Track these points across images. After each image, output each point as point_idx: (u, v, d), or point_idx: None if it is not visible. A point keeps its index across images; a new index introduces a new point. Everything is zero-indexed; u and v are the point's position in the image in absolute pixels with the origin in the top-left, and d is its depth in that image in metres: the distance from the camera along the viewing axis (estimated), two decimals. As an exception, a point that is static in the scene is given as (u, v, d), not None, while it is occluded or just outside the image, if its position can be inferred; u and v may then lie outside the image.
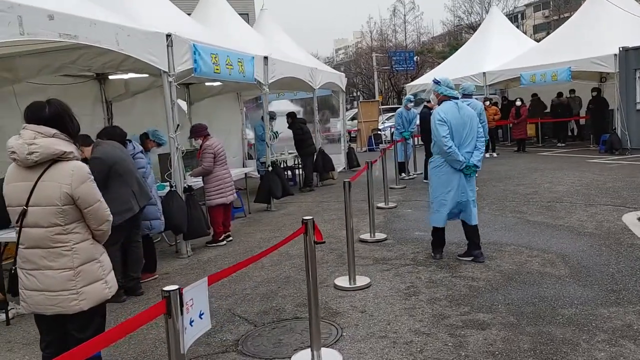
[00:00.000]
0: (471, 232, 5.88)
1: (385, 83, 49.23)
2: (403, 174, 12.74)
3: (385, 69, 44.47)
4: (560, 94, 18.51)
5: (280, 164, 12.32)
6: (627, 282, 4.89)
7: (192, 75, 7.30)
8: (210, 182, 7.39)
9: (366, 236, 7.13)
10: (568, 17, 21.66)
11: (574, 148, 16.94)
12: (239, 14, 13.12)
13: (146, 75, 7.79)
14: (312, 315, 3.63)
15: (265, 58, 9.62)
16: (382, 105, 34.73)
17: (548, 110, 18.81)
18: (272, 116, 12.06)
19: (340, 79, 14.90)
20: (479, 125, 5.79)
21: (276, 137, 12.41)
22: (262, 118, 10.41)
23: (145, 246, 5.90)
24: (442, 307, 4.60)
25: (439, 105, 5.81)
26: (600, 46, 14.69)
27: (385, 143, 20.45)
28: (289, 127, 12.25)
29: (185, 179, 7.70)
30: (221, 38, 8.96)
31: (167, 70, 6.70)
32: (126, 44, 6.00)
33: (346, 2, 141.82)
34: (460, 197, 5.71)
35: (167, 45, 6.69)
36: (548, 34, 26.20)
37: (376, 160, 8.07)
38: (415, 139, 14.09)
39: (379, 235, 7.12)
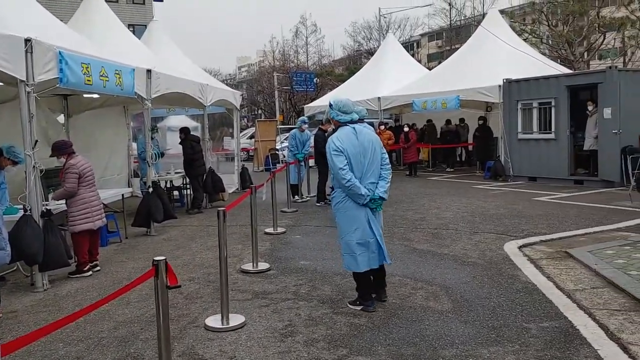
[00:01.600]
0: (380, 272, 5.24)
1: (286, 103, 49.39)
2: (296, 197, 12.44)
3: (286, 89, 44.59)
4: (448, 122, 19.28)
5: (166, 183, 11.62)
6: (507, 318, 4.80)
7: (58, 85, 6.53)
8: (75, 206, 6.61)
9: (249, 266, 6.67)
10: (459, 48, 22.66)
11: (462, 173, 17.56)
12: (138, 25, 12.39)
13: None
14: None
15: (149, 71, 8.97)
16: (282, 124, 34.69)
17: (439, 136, 19.52)
18: (153, 128, 11.36)
19: (234, 97, 14.43)
20: (383, 151, 5.14)
21: (159, 157, 11.67)
22: (145, 135, 9.67)
23: (-15, 281, 5.07)
24: (319, 349, 4.24)
25: (335, 131, 5.15)
26: (486, 77, 15.39)
27: (282, 163, 20.17)
28: (180, 143, 11.59)
29: (46, 201, 6.89)
30: (98, 47, 8.22)
31: (24, 79, 5.92)
32: (-31, 47, 5.21)
33: (251, 20, 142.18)
34: (369, 236, 5.00)
35: (26, 51, 5.92)
36: (440, 63, 27.38)
37: (263, 184, 7.69)
38: (310, 160, 13.87)
39: (262, 265, 6.68)
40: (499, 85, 14.94)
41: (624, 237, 7.67)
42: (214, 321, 4.83)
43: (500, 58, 16.07)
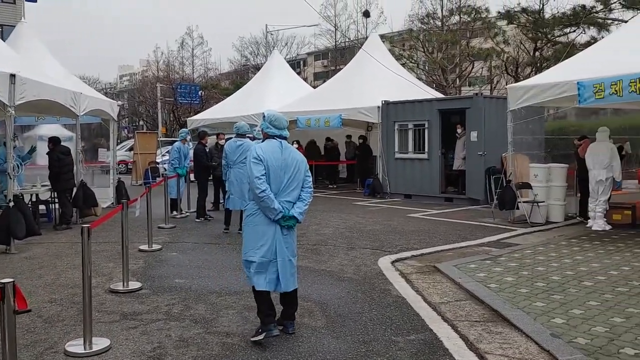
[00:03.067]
0: (288, 299, 4.94)
1: (170, 115, 48.04)
2: (175, 212, 12.07)
3: (169, 100, 43.41)
4: (329, 139, 19.80)
5: (31, 197, 10.78)
6: (377, 332, 4.95)
7: None
8: None
9: (118, 286, 6.33)
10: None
11: (344, 190, 18.05)
12: (7, 26, 11.39)
13: None
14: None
15: (12, 76, 8.29)
16: (165, 137, 33.65)
17: (323, 153, 19.99)
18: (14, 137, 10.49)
19: (111, 107, 13.75)
20: (307, 174, 4.94)
21: (20, 168, 10.80)
22: (5, 144, 8.91)
23: None
24: (189, 372, 4.10)
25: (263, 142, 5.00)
26: (367, 98, 16.01)
27: (162, 176, 19.52)
28: (47, 154, 10.80)
29: None
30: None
31: None
32: None
33: (134, 29, 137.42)
34: (274, 256, 4.71)
35: None
36: (325, 82, 28.06)
37: (136, 199, 7.37)
38: (190, 175, 13.53)
39: (133, 285, 6.37)
40: (378, 107, 15.60)
41: (486, 251, 8.26)
42: (75, 346, 4.50)
43: (379, 80, 16.80)
